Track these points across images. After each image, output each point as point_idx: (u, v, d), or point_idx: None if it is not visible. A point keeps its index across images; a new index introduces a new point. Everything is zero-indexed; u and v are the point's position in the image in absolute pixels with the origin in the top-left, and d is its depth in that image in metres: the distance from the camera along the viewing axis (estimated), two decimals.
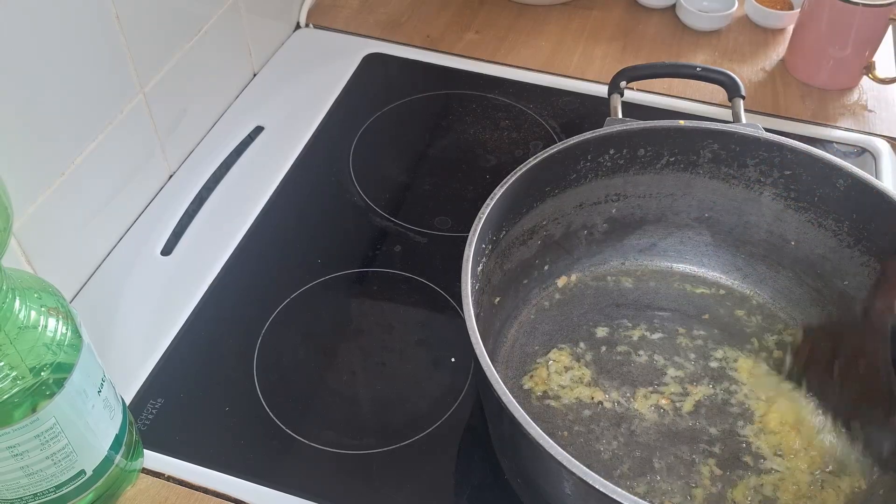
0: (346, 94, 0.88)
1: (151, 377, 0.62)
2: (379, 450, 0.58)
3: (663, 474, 0.55)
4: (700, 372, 0.61)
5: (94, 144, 0.66)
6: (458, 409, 0.61)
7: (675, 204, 0.66)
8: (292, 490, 0.56)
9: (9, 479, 0.47)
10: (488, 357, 0.46)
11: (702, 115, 0.84)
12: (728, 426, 0.58)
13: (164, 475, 0.57)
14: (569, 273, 0.67)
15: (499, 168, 0.80)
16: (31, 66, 0.58)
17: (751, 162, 0.62)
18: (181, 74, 0.75)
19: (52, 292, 0.47)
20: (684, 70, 0.72)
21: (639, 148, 0.62)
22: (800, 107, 0.87)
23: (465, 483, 0.57)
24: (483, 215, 0.54)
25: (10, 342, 0.43)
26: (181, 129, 0.78)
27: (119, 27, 0.66)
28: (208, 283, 0.69)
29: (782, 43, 0.95)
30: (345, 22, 0.97)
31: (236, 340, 0.65)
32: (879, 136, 0.84)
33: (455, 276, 0.52)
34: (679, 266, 0.68)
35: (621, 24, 0.97)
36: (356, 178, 0.79)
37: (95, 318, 0.66)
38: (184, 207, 0.75)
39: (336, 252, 0.72)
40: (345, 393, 0.62)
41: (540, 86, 0.89)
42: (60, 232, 0.65)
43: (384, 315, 0.68)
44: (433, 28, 0.96)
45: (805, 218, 0.62)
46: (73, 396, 0.46)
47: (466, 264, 0.51)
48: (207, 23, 0.78)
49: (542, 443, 0.43)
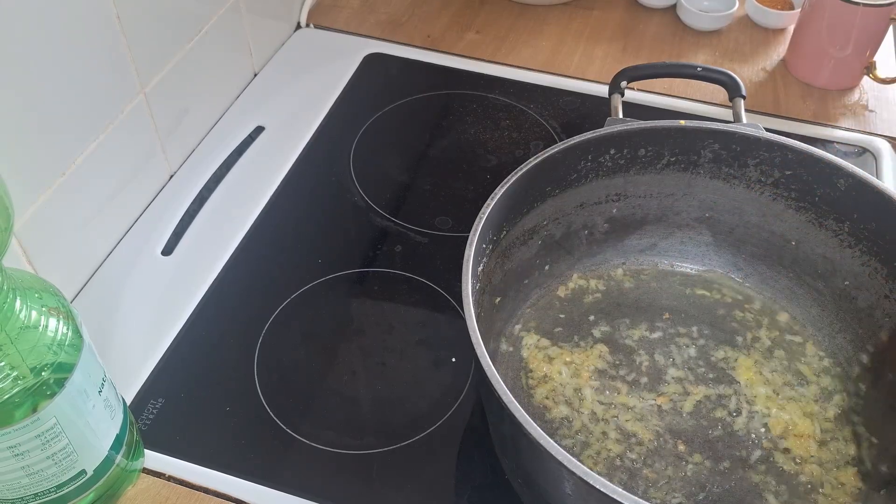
0: (347, 94, 0.88)
1: (152, 377, 0.62)
2: (379, 450, 0.58)
3: (663, 473, 0.55)
4: (700, 372, 0.61)
5: (94, 144, 0.66)
6: (458, 410, 0.61)
7: (675, 204, 0.66)
8: (293, 490, 0.56)
9: (9, 479, 0.47)
10: (489, 357, 0.46)
11: (702, 115, 0.84)
12: (728, 426, 0.58)
13: (165, 475, 0.57)
14: (569, 273, 0.67)
15: (499, 168, 0.80)
16: (31, 66, 0.58)
17: (751, 162, 0.62)
18: (182, 74, 0.75)
19: (53, 292, 0.47)
20: (685, 70, 0.72)
21: (639, 148, 0.62)
22: (800, 107, 0.87)
23: (465, 483, 0.57)
24: (484, 215, 0.54)
25: (10, 342, 0.43)
26: (182, 128, 0.78)
27: (120, 27, 0.66)
28: (209, 283, 0.69)
29: (783, 43, 0.95)
30: (345, 22, 0.97)
31: (237, 340, 0.65)
32: (880, 136, 0.84)
33: (456, 276, 0.52)
34: (680, 266, 0.68)
35: (622, 24, 0.97)
36: (357, 178, 0.79)
37: (96, 317, 0.66)
38: (184, 207, 0.75)
39: (337, 252, 0.72)
40: (345, 393, 0.62)
41: (540, 86, 0.89)
42: (61, 232, 0.65)
43: (385, 315, 0.68)
44: (434, 28, 0.96)
45: (806, 218, 0.62)
46: (73, 396, 0.46)
47: (467, 264, 0.51)
48: (208, 23, 0.78)
49: (542, 443, 0.43)
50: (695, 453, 0.56)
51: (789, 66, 0.91)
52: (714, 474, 0.55)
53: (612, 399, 0.59)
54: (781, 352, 0.62)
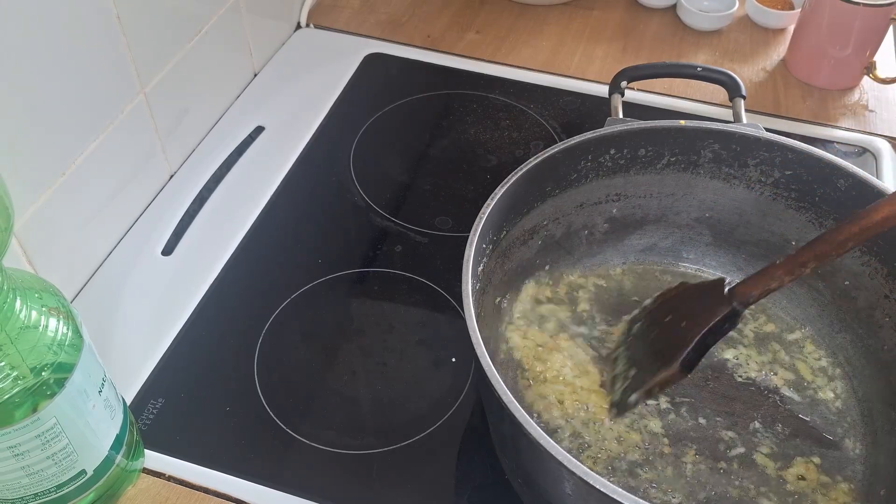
0: (347, 94, 0.88)
1: (152, 377, 0.62)
2: (379, 450, 0.58)
3: (664, 474, 0.55)
4: (701, 372, 0.61)
5: (95, 144, 0.66)
6: (458, 410, 0.61)
7: (675, 204, 0.66)
8: (293, 490, 0.56)
9: (9, 479, 0.47)
10: (489, 357, 0.46)
11: (703, 115, 0.84)
12: (729, 426, 0.58)
13: (165, 475, 0.57)
14: (569, 273, 0.67)
15: (499, 168, 0.80)
16: (32, 66, 0.58)
17: (751, 162, 0.62)
18: (182, 74, 0.75)
19: (53, 292, 0.47)
20: (685, 70, 0.72)
21: (639, 148, 0.62)
22: (800, 107, 0.87)
23: (465, 483, 0.57)
24: (484, 215, 0.54)
25: (10, 342, 0.43)
26: (182, 128, 0.78)
27: (120, 27, 0.66)
28: (209, 283, 0.69)
29: (783, 43, 0.95)
30: (345, 22, 0.97)
31: (237, 340, 0.65)
32: (880, 136, 0.84)
33: (456, 276, 0.52)
34: (680, 266, 0.68)
35: (622, 24, 0.97)
36: (357, 178, 0.79)
37: (96, 317, 0.66)
38: (185, 207, 0.75)
39: (337, 252, 0.72)
40: (345, 393, 0.62)
41: (541, 86, 0.89)
42: (61, 232, 0.65)
43: (385, 315, 0.68)
44: (434, 28, 0.96)
45: (806, 218, 0.62)
46: (73, 396, 0.46)
47: (467, 264, 0.51)
48: (208, 23, 0.78)
49: (542, 443, 0.43)
50: (695, 454, 0.56)
51: (789, 66, 0.91)
52: (714, 474, 0.55)
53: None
54: (781, 351, 0.62)
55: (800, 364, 0.61)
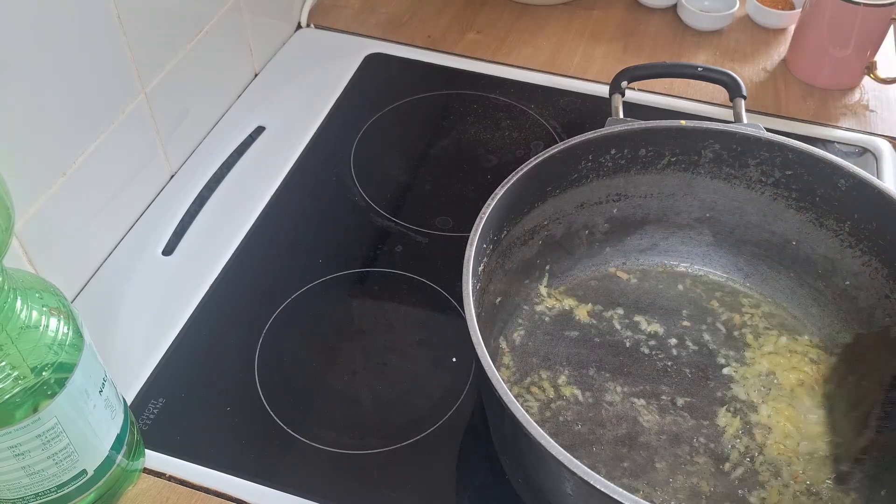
0: (348, 94, 0.88)
1: (153, 377, 0.62)
2: (380, 450, 0.58)
3: (664, 474, 0.55)
4: (701, 372, 0.61)
5: (95, 144, 0.66)
6: (459, 409, 0.61)
7: (676, 204, 0.66)
8: (293, 490, 0.56)
9: (10, 479, 0.47)
10: (489, 357, 0.46)
11: (703, 115, 0.84)
12: (729, 426, 0.58)
13: (166, 475, 0.57)
14: (570, 273, 0.67)
15: (500, 168, 0.80)
16: (32, 67, 0.58)
17: (752, 162, 0.62)
18: (182, 74, 0.75)
19: (54, 292, 0.47)
20: (685, 70, 0.72)
21: (640, 148, 0.62)
22: (801, 107, 0.87)
23: (466, 483, 0.57)
24: (484, 215, 0.54)
25: (11, 342, 0.43)
26: (182, 129, 0.78)
27: (120, 27, 0.66)
28: (209, 283, 0.69)
29: (784, 43, 0.95)
30: (346, 22, 0.97)
31: (237, 340, 0.65)
32: (881, 136, 0.84)
33: (456, 276, 0.52)
34: (680, 266, 0.68)
35: (622, 24, 0.97)
36: (357, 177, 0.79)
37: (97, 317, 0.66)
38: (185, 207, 0.75)
39: (337, 252, 0.72)
40: (346, 393, 0.62)
41: (541, 86, 0.89)
42: (62, 232, 0.65)
43: (385, 315, 0.68)
44: (434, 28, 0.96)
45: (806, 218, 0.62)
46: (74, 396, 0.46)
47: (468, 264, 0.51)
48: (209, 23, 0.78)
49: (543, 443, 0.43)
50: (696, 453, 0.56)
51: (790, 65, 0.91)
52: (715, 475, 0.55)
53: (612, 399, 0.59)
54: (781, 350, 0.62)
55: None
